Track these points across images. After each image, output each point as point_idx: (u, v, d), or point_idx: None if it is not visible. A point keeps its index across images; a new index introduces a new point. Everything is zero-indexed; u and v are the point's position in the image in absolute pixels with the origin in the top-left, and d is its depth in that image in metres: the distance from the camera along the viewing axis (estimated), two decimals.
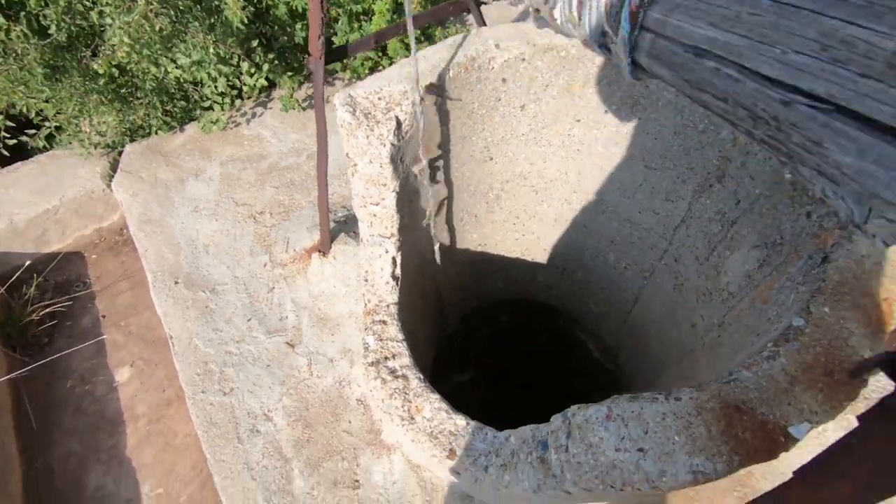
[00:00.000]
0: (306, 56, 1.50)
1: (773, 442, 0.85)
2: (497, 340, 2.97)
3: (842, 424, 0.85)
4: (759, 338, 1.18)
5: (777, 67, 0.51)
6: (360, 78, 3.01)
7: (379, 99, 1.39)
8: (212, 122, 2.82)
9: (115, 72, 2.49)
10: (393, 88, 1.40)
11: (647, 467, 0.84)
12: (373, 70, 3.04)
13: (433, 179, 1.74)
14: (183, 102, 2.85)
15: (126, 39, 1.95)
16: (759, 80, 0.54)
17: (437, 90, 1.44)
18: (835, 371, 0.89)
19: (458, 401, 2.59)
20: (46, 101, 2.41)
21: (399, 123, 1.38)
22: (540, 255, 2.46)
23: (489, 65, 1.49)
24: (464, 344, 2.84)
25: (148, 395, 2.38)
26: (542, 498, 1.15)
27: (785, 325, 0.98)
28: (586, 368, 2.80)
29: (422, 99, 1.39)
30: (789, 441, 0.86)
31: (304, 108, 2.90)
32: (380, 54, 2.97)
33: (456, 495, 1.72)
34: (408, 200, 1.61)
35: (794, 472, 0.66)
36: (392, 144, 1.36)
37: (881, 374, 0.74)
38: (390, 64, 3.04)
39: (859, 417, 0.60)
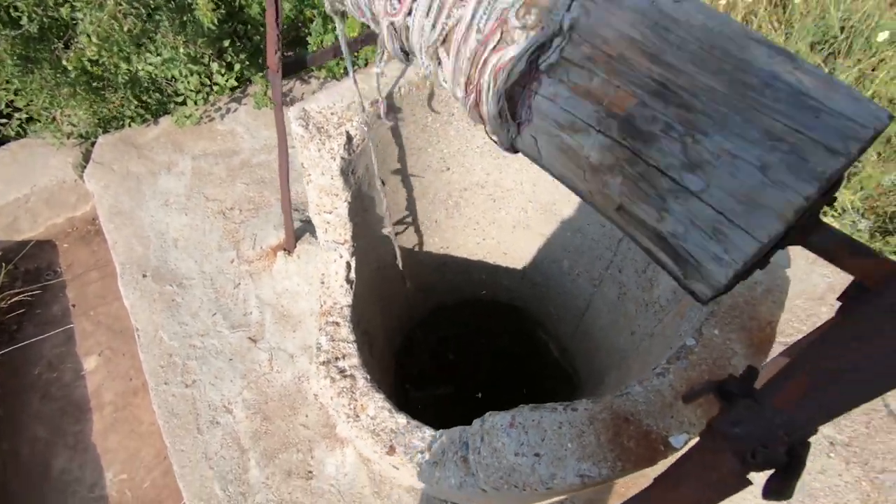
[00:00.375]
0: (266, 69, 1.56)
1: (654, 450, 0.96)
2: (462, 340, 3.08)
3: None
4: (671, 351, 1.29)
5: None
6: (335, 77, 3.06)
7: (332, 114, 1.46)
8: (185, 116, 2.85)
9: (88, 64, 2.52)
10: (346, 104, 1.47)
11: (541, 471, 0.94)
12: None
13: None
14: (158, 95, 2.87)
15: (95, 39, 1.99)
16: None
17: (390, 106, 1.51)
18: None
19: (421, 400, 2.70)
20: (16, 93, 2.43)
21: (350, 138, 1.45)
22: (501, 258, 2.56)
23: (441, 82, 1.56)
24: (428, 340, 2.93)
25: (114, 384, 2.44)
26: (466, 494, 1.26)
27: (680, 343, 1.09)
28: (548, 369, 2.92)
29: (380, 116, 1.46)
30: (669, 450, 0.96)
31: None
32: (355, 55, 3.02)
33: (403, 487, 1.83)
34: (362, 209, 1.69)
35: (654, 479, 0.76)
36: (343, 158, 1.43)
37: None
38: (366, 65, 3.09)
39: (700, 434, 0.70)
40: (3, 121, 2.64)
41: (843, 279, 2.32)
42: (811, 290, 2.23)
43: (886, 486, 1.84)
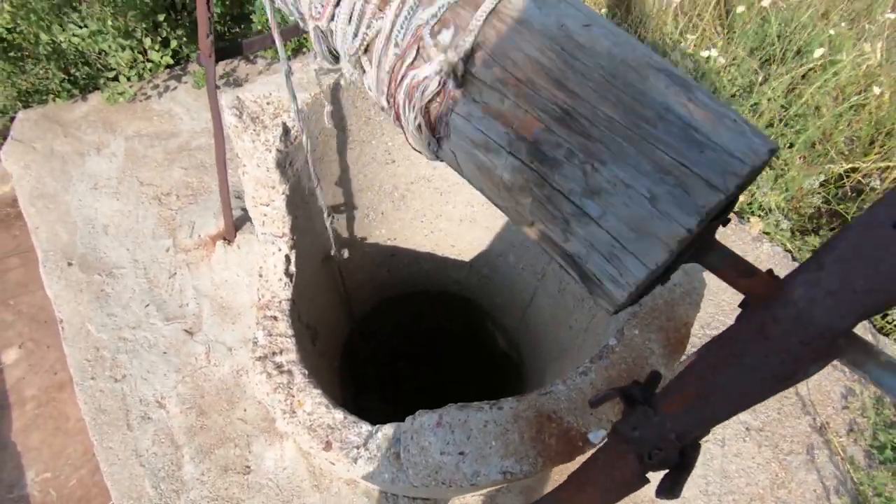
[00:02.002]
0: (197, 52, 1.48)
1: (573, 446, 1.01)
2: (410, 331, 3.09)
3: None
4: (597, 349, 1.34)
5: None
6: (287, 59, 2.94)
7: (268, 104, 1.41)
8: (118, 93, 2.68)
9: (3, 31, 2.30)
10: (281, 94, 1.42)
11: (465, 469, 0.97)
12: (296, 52, 2.98)
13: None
14: (87, 68, 2.68)
15: (7, 6, 1.82)
16: None
17: (328, 98, 1.47)
18: None
19: (367, 389, 2.70)
20: None
21: (287, 130, 1.41)
22: (449, 250, 2.58)
23: None
24: (377, 332, 2.93)
25: (37, 378, 2.31)
26: (398, 488, 1.28)
27: (603, 343, 1.14)
28: (496, 360, 2.99)
29: (326, 108, 1.42)
30: (587, 446, 1.01)
31: (218, 87, 2.80)
32: (295, 40, 2.92)
33: (342, 480, 1.84)
34: (302, 202, 1.65)
35: (568, 476, 0.80)
36: (279, 150, 1.39)
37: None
38: (310, 50, 2.99)
39: (608, 434, 0.74)
40: None
41: None
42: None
43: (793, 466, 2.02)
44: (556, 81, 0.58)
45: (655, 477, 0.68)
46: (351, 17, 0.72)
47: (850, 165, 2.90)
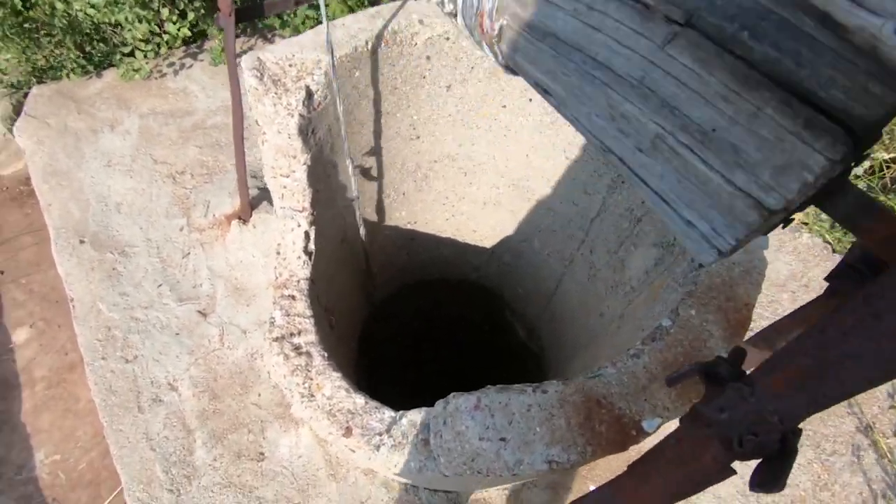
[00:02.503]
0: (217, 13, 1.39)
1: (626, 435, 0.90)
2: (427, 317, 3.00)
3: None
4: (643, 333, 1.24)
5: (589, 124, 0.53)
6: (298, 32, 2.85)
7: (290, 66, 1.32)
8: (133, 69, 2.61)
9: (17, 3, 2.24)
10: (306, 56, 1.33)
11: (507, 456, 0.88)
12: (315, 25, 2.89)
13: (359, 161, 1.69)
14: (102, 45, 2.61)
15: None
16: (583, 128, 0.56)
17: (354, 62, 1.38)
18: None
19: (383, 376, 2.61)
20: None
21: (310, 93, 1.32)
22: (470, 235, 2.48)
23: (412, 40, 1.44)
24: (394, 319, 2.84)
25: (48, 358, 2.25)
26: (426, 478, 1.19)
27: (656, 325, 1.04)
28: (514, 349, 2.88)
29: (334, 68, 1.33)
30: (640, 435, 0.91)
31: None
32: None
33: (360, 469, 1.75)
34: (324, 174, 1.56)
35: (628, 466, 0.70)
36: (301, 115, 1.30)
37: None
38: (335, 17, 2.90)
39: (681, 419, 0.64)
40: None
41: (803, 267, 2.36)
42: (774, 277, 2.25)
43: (836, 468, 1.89)
44: None
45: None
46: None
47: (891, 155, 2.75)
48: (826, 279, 0.78)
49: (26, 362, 2.23)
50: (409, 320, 2.94)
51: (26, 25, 2.32)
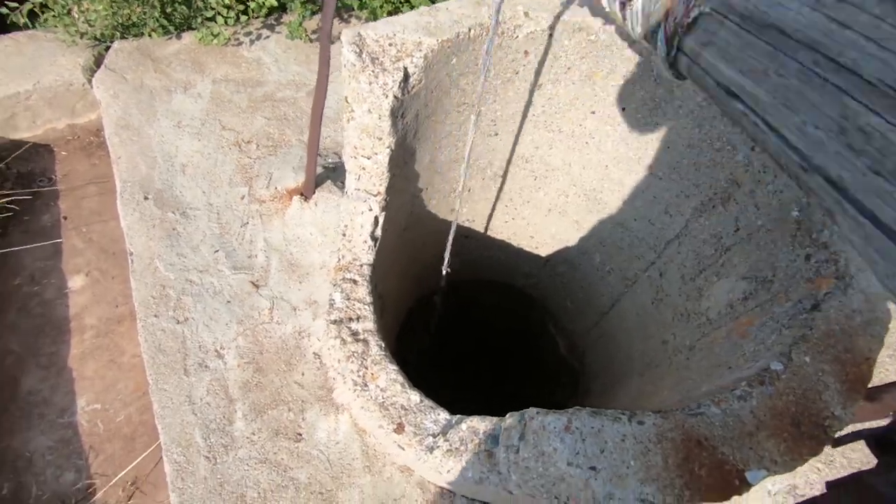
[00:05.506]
0: None
1: (728, 483, 0.83)
2: (468, 318, 2.95)
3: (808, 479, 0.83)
4: (730, 372, 1.15)
5: (797, 135, 0.45)
6: (376, 19, 2.83)
7: (390, 45, 1.28)
8: (212, 34, 2.63)
9: None
10: (407, 37, 1.29)
11: (596, 487, 0.81)
12: (392, 14, 2.85)
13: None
14: (184, 8, 2.64)
15: None
16: (782, 140, 0.48)
17: (454, 48, 1.33)
18: (802, 423, 0.86)
19: (415, 368, 2.57)
20: None
21: (407, 75, 1.27)
22: (526, 241, 2.41)
23: (514, 33, 1.38)
24: (434, 315, 2.80)
25: (99, 308, 2.29)
26: (482, 489, 1.13)
27: (762, 366, 0.95)
28: (550, 362, 2.80)
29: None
30: (743, 485, 0.83)
31: (311, 40, 2.73)
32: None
33: (396, 466, 1.71)
34: (402, 161, 1.52)
35: None
36: (395, 97, 1.26)
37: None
38: (411, 10, 2.86)
39: (828, 484, 0.56)
40: (14, 4, 2.41)
41: None
42: None
43: None
44: None
45: None
46: None
47: None
48: None
49: (79, 309, 2.28)
50: (451, 315, 2.89)
51: None
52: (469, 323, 2.96)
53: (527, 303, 2.75)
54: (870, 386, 0.91)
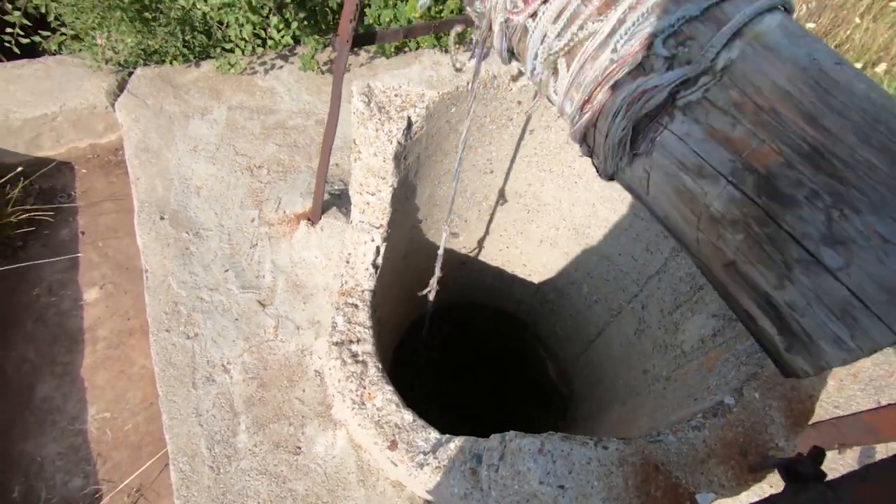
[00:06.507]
0: (334, 35, 1.51)
1: None
2: (461, 340, 3.05)
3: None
4: (696, 403, 1.26)
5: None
6: (384, 55, 3.00)
7: (396, 96, 1.42)
8: (230, 64, 2.80)
9: None
10: (411, 89, 1.43)
11: None
12: (399, 50, 3.03)
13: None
14: (203, 38, 2.81)
15: None
16: None
17: (453, 99, 1.47)
18: (749, 452, 0.98)
19: (402, 384, 2.67)
20: (67, 6, 2.36)
21: (410, 123, 1.41)
22: (519, 269, 2.53)
23: (508, 86, 1.53)
24: (429, 337, 2.91)
25: (112, 321, 2.41)
26: None
27: (718, 399, 1.06)
28: (540, 385, 2.90)
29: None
30: None
31: (322, 72, 2.89)
32: (446, 35, 2.95)
33: (389, 481, 1.80)
34: (404, 197, 1.65)
35: None
36: (399, 143, 1.40)
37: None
38: (417, 48, 3.03)
39: None
40: (47, 34, 2.58)
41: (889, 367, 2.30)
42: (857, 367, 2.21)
43: None
44: (806, 115, 0.53)
45: None
46: (559, 17, 0.69)
47: None
48: None
49: (93, 321, 2.39)
50: (445, 338, 3.00)
51: (146, 15, 2.53)
52: (463, 342, 3.07)
53: (519, 326, 2.86)
54: (813, 422, 1.03)
